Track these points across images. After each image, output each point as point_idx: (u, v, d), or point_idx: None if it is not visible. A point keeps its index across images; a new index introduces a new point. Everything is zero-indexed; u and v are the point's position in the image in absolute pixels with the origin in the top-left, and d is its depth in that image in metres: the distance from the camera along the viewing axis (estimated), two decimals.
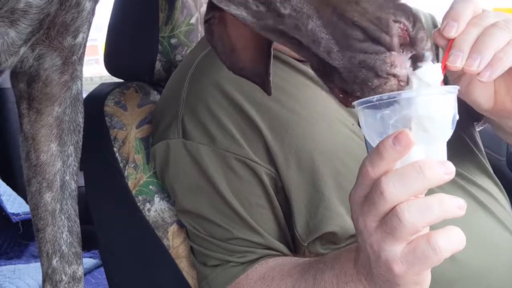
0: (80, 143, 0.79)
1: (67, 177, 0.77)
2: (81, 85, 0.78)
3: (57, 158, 0.76)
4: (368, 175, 0.50)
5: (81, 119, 0.79)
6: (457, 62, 0.55)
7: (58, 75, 0.73)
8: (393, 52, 0.48)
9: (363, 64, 0.48)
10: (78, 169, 0.79)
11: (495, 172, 0.90)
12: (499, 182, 0.89)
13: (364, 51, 0.48)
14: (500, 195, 0.87)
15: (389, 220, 0.49)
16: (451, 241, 0.49)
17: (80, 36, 0.73)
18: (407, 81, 0.49)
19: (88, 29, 0.74)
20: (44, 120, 0.75)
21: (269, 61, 0.64)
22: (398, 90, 0.49)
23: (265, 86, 0.66)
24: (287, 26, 0.51)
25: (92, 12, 0.73)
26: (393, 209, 0.49)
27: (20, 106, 0.77)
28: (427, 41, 0.49)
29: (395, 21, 0.48)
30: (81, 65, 0.77)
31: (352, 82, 0.49)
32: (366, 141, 0.78)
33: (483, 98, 0.66)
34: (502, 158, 1.33)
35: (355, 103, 0.51)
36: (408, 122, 0.48)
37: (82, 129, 0.79)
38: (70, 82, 0.75)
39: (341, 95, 0.52)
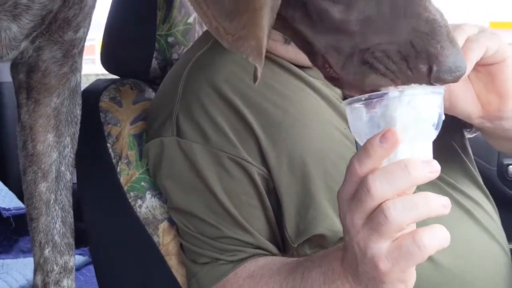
0: (77, 135, 0.80)
1: (63, 168, 0.78)
2: (80, 77, 0.78)
3: (54, 148, 0.77)
4: (355, 173, 0.51)
5: (78, 111, 0.80)
6: None
7: (58, 66, 0.74)
8: None
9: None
10: (73, 161, 0.80)
11: (485, 182, 0.90)
12: (487, 192, 0.89)
13: None
14: (489, 205, 0.87)
15: (375, 217, 0.50)
16: (436, 239, 0.50)
17: (81, 30, 0.73)
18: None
19: (89, 23, 0.75)
20: (42, 110, 0.76)
21: None
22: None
23: None
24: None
25: (93, 6, 0.73)
26: (379, 206, 0.50)
27: (19, 97, 0.77)
28: None
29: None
30: (81, 57, 0.77)
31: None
32: (356, 142, 0.79)
33: (469, 106, 0.67)
34: (492, 168, 1.34)
35: (343, 102, 0.53)
36: (395, 121, 0.49)
37: (79, 121, 0.80)
38: (69, 74, 0.75)
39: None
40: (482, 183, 0.89)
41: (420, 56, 0.48)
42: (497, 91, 0.66)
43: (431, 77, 0.48)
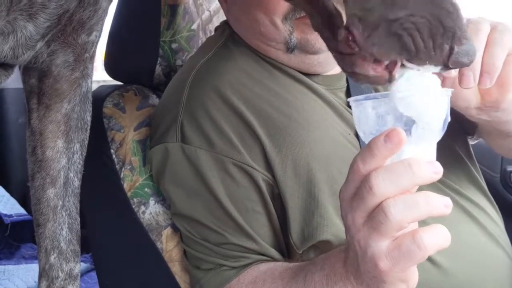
0: (86, 141, 0.79)
1: (71, 174, 0.78)
2: (91, 83, 0.78)
3: (63, 154, 0.76)
4: (358, 171, 0.51)
5: (89, 118, 0.79)
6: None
7: (70, 71, 0.73)
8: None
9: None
10: (82, 167, 0.80)
11: (488, 189, 0.90)
12: (491, 197, 0.89)
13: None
14: (492, 211, 0.87)
15: (376, 215, 0.50)
16: (436, 239, 0.50)
17: (94, 34, 0.73)
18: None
19: (101, 28, 0.75)
20: (52, 116, 0.75)
21: None
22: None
23: None
24: None
25: (106, 11, 0.73)
26: (380, 204, 0.49)
27: (30, 101, 0.77)
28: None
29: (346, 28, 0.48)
30: (92, 63, 0.77)
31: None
32: (360, 140, 0.79)
33: (468, 95, 0.66)
34: (495, 175, 1.34)
35: (349, 99, 0.52)
36: (401, 121, 0.49)
37: (89, 127, 0.80)
38: (80, 79, 0.75)
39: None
40: (486, 188, 0.89)
41: (446, 34, 0.46)
42: (498, 81, 0.65)
43: (450, 59, 0.47)
